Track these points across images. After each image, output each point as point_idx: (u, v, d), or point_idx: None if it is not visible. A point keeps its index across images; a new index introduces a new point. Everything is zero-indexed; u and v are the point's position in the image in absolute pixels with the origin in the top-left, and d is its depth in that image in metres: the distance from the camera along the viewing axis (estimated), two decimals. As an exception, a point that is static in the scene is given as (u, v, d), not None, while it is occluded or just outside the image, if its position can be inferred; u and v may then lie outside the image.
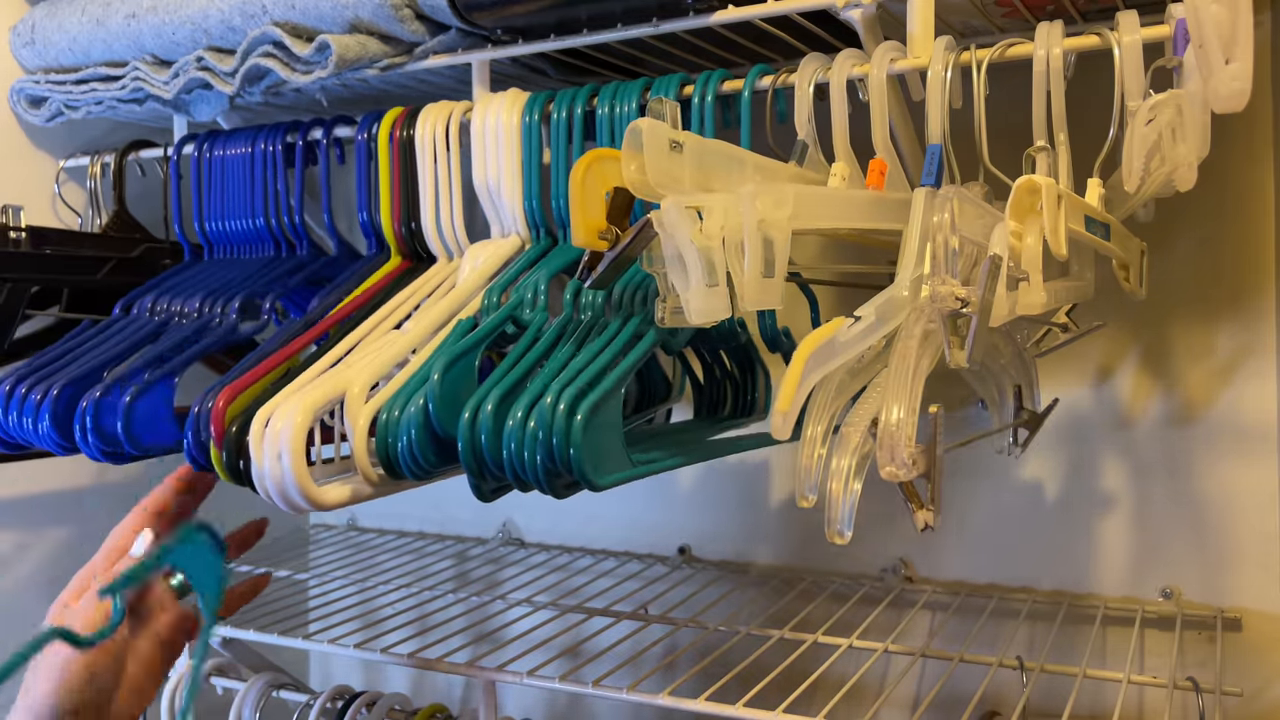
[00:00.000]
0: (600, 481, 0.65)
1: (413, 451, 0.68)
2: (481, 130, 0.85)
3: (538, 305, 0.76)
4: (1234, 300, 0.94)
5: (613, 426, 0.67)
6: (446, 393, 0.69)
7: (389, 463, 0.70)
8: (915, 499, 0.56)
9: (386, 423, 0.69)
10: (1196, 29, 0.58)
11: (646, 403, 0.96)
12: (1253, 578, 0.94)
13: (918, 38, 0.72)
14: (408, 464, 0.69)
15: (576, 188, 0.63)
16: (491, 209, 0.86)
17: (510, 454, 0.65)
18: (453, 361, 0.70)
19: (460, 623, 0.99)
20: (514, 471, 0.66)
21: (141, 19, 0.95)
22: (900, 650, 0.91)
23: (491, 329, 0.74)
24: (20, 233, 0.97)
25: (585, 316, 0.74)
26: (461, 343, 0.72)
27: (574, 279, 0.76)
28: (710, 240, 0.56)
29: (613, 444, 0.67)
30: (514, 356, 0.71)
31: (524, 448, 0.64)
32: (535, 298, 0.77)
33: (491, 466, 0.66)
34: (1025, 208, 0.58)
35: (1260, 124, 0.92)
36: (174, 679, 1.03)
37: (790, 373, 0.53)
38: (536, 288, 0.77)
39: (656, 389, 0.97)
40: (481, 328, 0.74)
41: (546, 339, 0.72)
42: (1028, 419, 0.81)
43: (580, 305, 0.75)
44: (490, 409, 0.65)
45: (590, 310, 0.74)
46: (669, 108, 0.63)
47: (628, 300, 0.74)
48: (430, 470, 0.70)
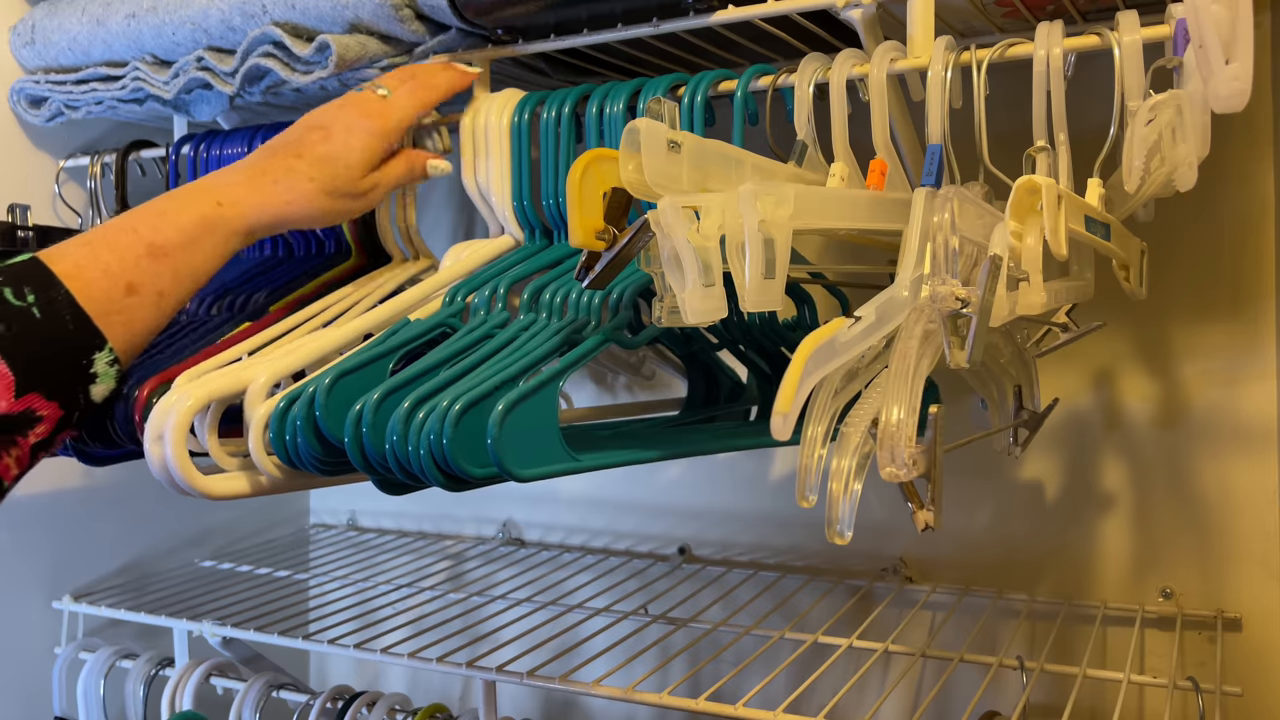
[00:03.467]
0: (523, 474, 0.65)
1: (302, 447, 0.68)
2: (471, 130, 0.85)
3: (494, 308, 0.76)
4: (1234, 300, 0.94)
5: (545, 419, 0.66)
6: (341, 394, 0.68)
7: (286, 456, 0.69)
8: (915, 499, 0.56)
9: (280, 416, 0.68)
10: (1196, 29, 0.58)
11: (712, 401, 0.96)
12: (1253, 578, 0.94)
13: (918, 38, 0.72)
14: (304, 458, 0.69)
15: (574, 188, 0.63)
16: (485, 208, 0.86)
17: (392, 447, 0.64)
18: (361, 365, 0.70)
19: (460, 622, 0.99)
20: (399, 465, 0.65)
21: (141, 19, 0.95)
22: (900, 650, 0.91)
23: (417, 334, 0.74)
24: (28, 232, 0.98)
25: (540, 317, 0.73)
26: (379, 346, 0.72)
27: (533, 282, 0.76)
28: (707, 240, 0.55)
29: (543, 437, 0.67)
30: (425, 358, 0.70)
31: (405, 441, 0.64)
32: (493, 300, 0.76)
33: (376, 461, 0.66)
34: (1025, 208, 0.58)
35: (1260, 124, 0.92)
36: (175, 678, 1.03)
37: (790, 373, 0.53)
38: (495, 290, 0.76)
39: (721, 388, 0.97)
40: (403, 333, 0.74)
41: (464, 341, 0.72)
42: (1028, 419, 0.81)
43: (538, 306, 0.74)
44: (374, 402, 0.65)
45: (546, 311, 0.74)
46: (667, 108, 0.63)
47: (596, 304, 0.74)
48: (327, 466, 0.69)
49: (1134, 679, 0.85)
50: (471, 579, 1.19)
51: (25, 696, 1.09)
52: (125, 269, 0.66)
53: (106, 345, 0.65)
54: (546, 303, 0.74)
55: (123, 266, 0.66)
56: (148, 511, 1.19)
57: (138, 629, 1.11)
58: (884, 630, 0.95)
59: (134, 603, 1.09)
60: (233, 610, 1.05)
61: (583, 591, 1.09)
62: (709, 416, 0.95)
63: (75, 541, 1.12)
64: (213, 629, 1.01)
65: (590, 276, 0.62)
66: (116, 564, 1.17)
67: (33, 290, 0.62)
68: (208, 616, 1.03)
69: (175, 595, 1.11)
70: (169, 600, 1.09)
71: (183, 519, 1.24)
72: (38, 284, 0.63)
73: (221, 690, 1.03)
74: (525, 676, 0.85)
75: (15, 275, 0.63)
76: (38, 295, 0.62)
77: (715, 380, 0.97)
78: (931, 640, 0.97)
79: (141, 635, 1.14)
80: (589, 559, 1.20)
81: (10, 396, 0.61)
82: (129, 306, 0.66)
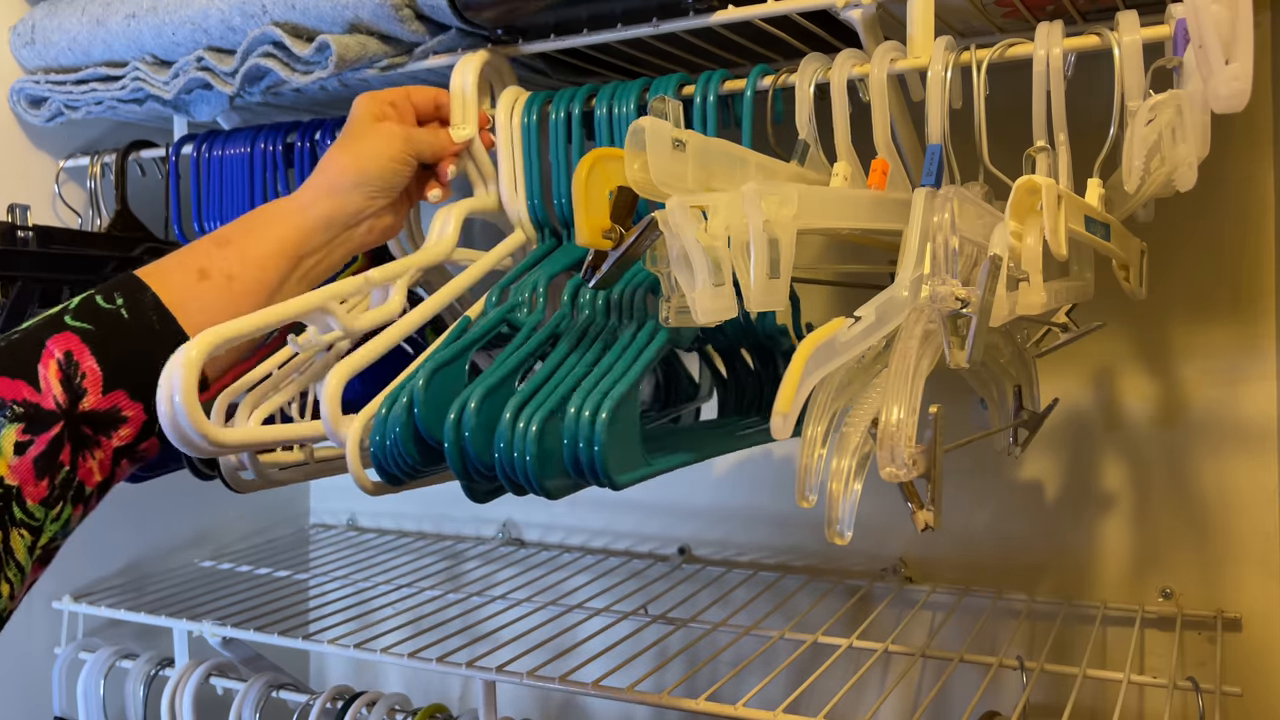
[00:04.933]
0: (621, 480, 0.65)
1: (399, 451, 0.68)
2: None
3: (536, 306, 0.76)
4: (1234, 300, 0.94)
5: (631, 425, 0.67)
6: (433, 396, 0.68)
7: (379, 464, 0.69)
8: (915, 499, 0.56)
9: (376, 420, 0.68)
10: (1196, 29, 0.58)
11: (672, 402, 0.96)
12: (1253, 578, 0.94)
13: (918, 38, 0.72)
14: (398, 464, 0.68)
15: (580, 187, 0.63)
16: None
17: (500, 455, 0.64)
18: (440, 366, 0.69)
19: (460, 623, 0.99)
20: (504, 472, 0.65)
21: (141, 19, 0.95)
22: (900, 650, 0.91)
23: (484, 331, 0.74)
24: (28, 232, 0.97)
25: (583, 316, 0.74)
26: (452, 347, 0.71)
27: (571, 279, 0.76)
28: (715, 240, 0.55)
29: (631, 443, 0.67)
30: (503, 357, 0.70)
31: (512, 448, 0.64)
32: (534, 298, 0.76)
33: (478, 468, 0.66)
34: (1025, 208, 0.58)
35: (1260, 124, 0.92)
36: (175, 678, 1.03)
37: (790, 373, 0.53)
38: (535, 288, 0.77)
39: (682, 388, 0.96)
40: (473, 330, 0.74)
41: (538, 339, 0.72)
42: (1028, 419, 0.81)
43: (578, 305, 0.74)
44: (474, 407, 0.65)
45: (588, 310, 0.74)
46: (671, 107, 0.63)
47: (627, 300, 0.74)
48: (419, 471, 0.69)
49: (1134, 679, 0.85)
50: (471, 579, 1.19)
51: (25, 696, 1.09)
52: (196, 258, 0.69)
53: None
54: (587, 302, 0.74)
55: (194, 256, 0.69)
56: (148, 511, 1.19)
57: (138, 629, 1.11)
58: (883, 630, 0.95)
59: (134, 603, 1.09)
60: (233, 610, 1.05)
61: (582, 591, 1.09)
62: (675, 417, 0.95)
63: (75, 541, 1.12)
64: (213, 629, 1.01)
65: (597, 276, 0.62)
66: (116, 564, 1.17)
67: (121, 294, 0.65)
68: (208, 616, 1.03)
69: (175, 595, 1.11)
70: (169, 600, 1.10)
71: (183, 519, 1.24)
72: (126, 289, 0.66)
73: (221, 690, 1.03)
74: (525, 677, 0.85)
75: (109, 285, 0.66)
76: (125, 298, 0.65)
77: (677, 379, 0.97)
78: (931, 640, 0.97)
79: (141, 635, 1.14)
80: (588, 559, 1.20)
81: (98, 392, 0.62)
82: (202, 292, 0.68)
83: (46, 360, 0.61)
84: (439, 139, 0.81)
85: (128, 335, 0.64)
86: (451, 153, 0.82)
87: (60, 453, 0.60)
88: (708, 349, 0.93)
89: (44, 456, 0.60)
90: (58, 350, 0.61)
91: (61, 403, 0.60)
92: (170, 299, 0.66)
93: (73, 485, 0.61)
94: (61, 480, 0.61)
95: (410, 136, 0.78)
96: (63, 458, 0.60)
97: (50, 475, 0.60)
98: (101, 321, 0.63)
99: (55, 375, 0.61)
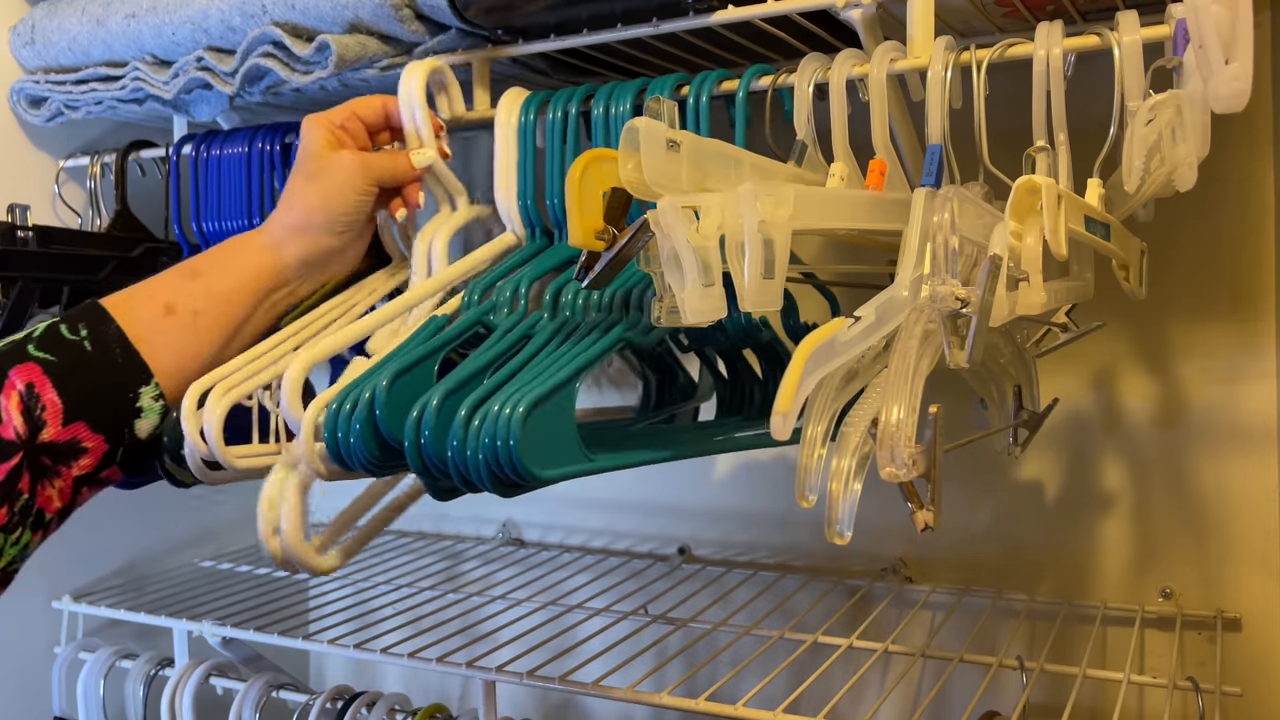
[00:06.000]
0: (541, 475, 0.65)
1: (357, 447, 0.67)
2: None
3: (517, 307, 0.76)
4: (1234, 300, 0.94)
5: (560, 421, 0.66)
6: (395, 398, 0.68)
7: (337, 458, 0.69)
8: (915, 499, 0.56)
9: (335, 415, 0.68)
10: (1196, 29, 0.58)
11: (668, 400, 0.96)
12: (1253, 578, 0.94)
13: (918, 38, 0.72)
14: (360, 461, 0.68)
15: (573, 187, 0.62)
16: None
17: (453, 453, 0.64)
18: (405, 370, 0.69)
19: (459, 623, 0.99)
20: (457, 470, 0.65)
21: (141, 19, 0.95)
22: (900, 650, 0.91)
23: (458, 332, 0.74)
24: (28, 232, 0.98)
25: (561, 317, 0.73)
26: (422, 347, 0.71)
27: (553, 280, 0.75)
28: (707, 240, 0.55)
29: (561, 439, 0.67)
30: (472, 358, 0.70)
31: (466, 446, 0.64)
32: (515, 299, 0.76)
33: (437, 465, 0.66)
34: (1025, 208, 0.58)
35: (1260, 124, 0.92)
36: (175, 678, 1.03)
37: (790, 373, 0.53)
38: (518, 288, 0.76)
39: (679, 387, 0.96)
40: (448, 330, 0.73)
41: (508, 340, 0.72)
42: (1028, 419, 0.81)
43: (559, 306, 0.74)
44: (434, 406, 0.65)
45: (568, 311, 0.74)
46: (666, 107, 0.63)
47: (607, 303, 0.74)
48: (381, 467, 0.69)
49: (1134, 679, 0.85)
50: (471, 579, 1.19)
51: (25, 696, 1.09)
52: (164, 291, 0.70)
53: (153, 380, 0.67)
54: (568, 303, 0.74)
55: (161, 289, 0.70)
56: (147, 511, 1.19)
57: (137, 629, 1.11)
58: (883, 630, 0.95)
59: (134, 603, 1.09)
60: (232, 610, 1.05)
61: (582, 591, 1.09)
62: (669, 417, 0.95)
63: (75, 541, 1.12)
64: (212, 629, 1.01)
65: (590, 276, 0.62)
66: (116, 564, 1.17)
67: (85, 325, 0.66)
68: (207, 616, 1.03)
69: (175, 595, 1.11)
70: (169, 600, 1.10)
71: (182, 519, 1.24)
72: (91, 320, 0.66)
73: (221, 690, 1.03)
74: (524, 677, 0.85)
75: (73, 315, 0.66)
76: (90, 330, 0.66)
77: (674, 379, 0.97)
78: (931, 640, 0.97)
79: (141, 635, 1.14)
80: (588, 559, 1.20)
81: (58, 424, 0.62)
82: (167, 327, 0.68)
83: (8, 391, 0.62)
84: (397, 165, 0.80)
85: (90, 369, 0.65)
86: (414, 179, 0.81)
87: (19, 481, 0.61)
88: (707, 350, 0.93)
89: (3, 485, 0.60)
90: (19, 381, 0.62)
91: (21, 433, 0.61)
92: (134, 332, 0.67)
93: (32, 512, 0.62)
94: (21, 507, 0.61)
95: (368, 166, 0.77)
96: (21, 486, 0.61)
97: (9, 502, 0.61)
98: (64, 353, 0.64)
99: (16, 406, 0.61)
